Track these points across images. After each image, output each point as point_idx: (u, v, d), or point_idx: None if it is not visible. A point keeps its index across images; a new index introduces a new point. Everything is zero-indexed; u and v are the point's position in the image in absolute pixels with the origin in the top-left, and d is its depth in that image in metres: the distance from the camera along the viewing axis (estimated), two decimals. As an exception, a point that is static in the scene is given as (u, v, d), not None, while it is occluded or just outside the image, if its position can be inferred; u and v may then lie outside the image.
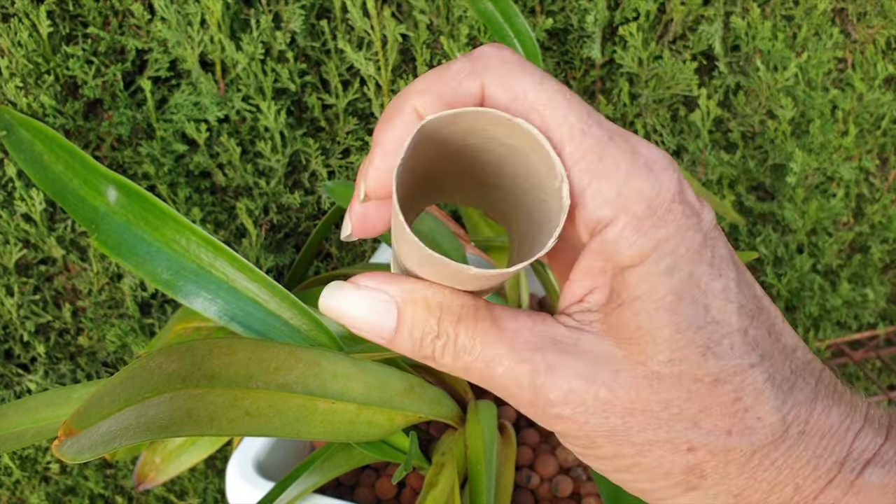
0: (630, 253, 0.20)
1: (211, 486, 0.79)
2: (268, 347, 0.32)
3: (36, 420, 0.35)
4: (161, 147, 0.65)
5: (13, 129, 0.38)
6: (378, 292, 0.23)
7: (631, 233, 0.20)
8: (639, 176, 0.20)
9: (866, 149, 0.76)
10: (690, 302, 0.21)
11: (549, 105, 0.21)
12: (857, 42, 0.74)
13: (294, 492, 0.40)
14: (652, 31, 0.70)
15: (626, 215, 0.20)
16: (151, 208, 0.36)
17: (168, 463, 0.50)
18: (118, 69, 0.63)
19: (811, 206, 0.74)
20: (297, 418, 0.32)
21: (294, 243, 0.74)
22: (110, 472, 0.77)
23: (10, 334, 0.70)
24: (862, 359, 0.88)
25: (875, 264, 0.83)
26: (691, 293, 0.21)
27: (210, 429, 0.30)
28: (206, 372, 0.30)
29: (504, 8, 0.52)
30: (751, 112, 0.73)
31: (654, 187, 0.20)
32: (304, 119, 0.69)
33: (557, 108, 0.21)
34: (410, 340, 0.23)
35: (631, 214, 0.20)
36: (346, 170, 0.71)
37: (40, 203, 0.64)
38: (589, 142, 0.20)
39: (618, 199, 0.20)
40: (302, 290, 0.58)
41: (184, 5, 0.62)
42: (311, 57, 0.67)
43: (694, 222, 0.21)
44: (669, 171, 0.21)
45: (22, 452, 0.74)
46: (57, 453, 0.27)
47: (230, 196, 0.71)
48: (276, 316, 0.36)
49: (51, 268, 0.69)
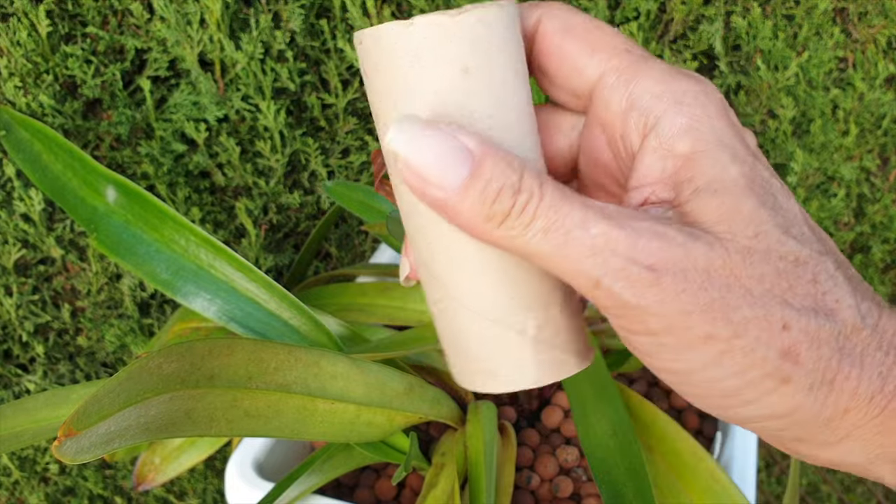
0: (691, 139, 0.21)
1: (210, 487, 0.78)
2: (267, 348, 0.32)
3: (35, 420, 0.35)
4: (160, 147, 0.65)
5: (12, 129, 0.38)
6: (456, 138, 0.20)
7: (688, 121, 0.22)
8: (682, 78, 0.22)
9: (867, 148, 0.76)
10: (761, 186, 0.21)
11: (597, 30, 0.23)
12: (858, 41, 0.74)
13: (294, 492, 0.40)
14: (652, 31, 0.70)
15: (678, 106, 0.22)
16: (150, 208, 0.36)
17: (167, 463, 0.50)
18: (117, 68, 0.63)
19: (812, 205, 0.74)
20: (297, 419, 0.32)
21: (293, 243, 0.74)
22: (109, 473, 0.77)
23: (8, 334, 0.70)
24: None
25: (876, 264, 0.83)
26: (758, 180, 0.22)
27: (209, 429, 0.30)
28: (205, 372, 0.30)
29: (504, 7, 0.52)
30: (752, 112, 0.73)
31: (700, 85, 0.22)
32: (304, 119, 0.69)
33: (604, 33, 0.23)
34: (483, 195, 0.20)
35: (683, 105, 0.22)
36: (346, 169, 0.71)
37: (39, 203, 0.64)
38: (631, 57, 0.23)
39: (665, 94, 0.22)
40: (301, 290, 0.58)
41: (183, 4, 0.61)
42: (310, 56, 0.67)
43: (741, 134, 0.22)
44: (706, 81, 0.23)
45: (21, 453, 0.74)
46: (56, 454, 0.27)
47: (229, 196, 0.70)
48: (276, 316, 0.36)
49: (50, 268, 0.69)
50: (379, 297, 0.51)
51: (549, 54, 0.24)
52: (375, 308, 0.51)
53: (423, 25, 0.21)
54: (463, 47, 0.21)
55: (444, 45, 0.21)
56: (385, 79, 0.22)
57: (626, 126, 0.23)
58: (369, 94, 0.23)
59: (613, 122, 0.24)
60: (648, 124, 0.22)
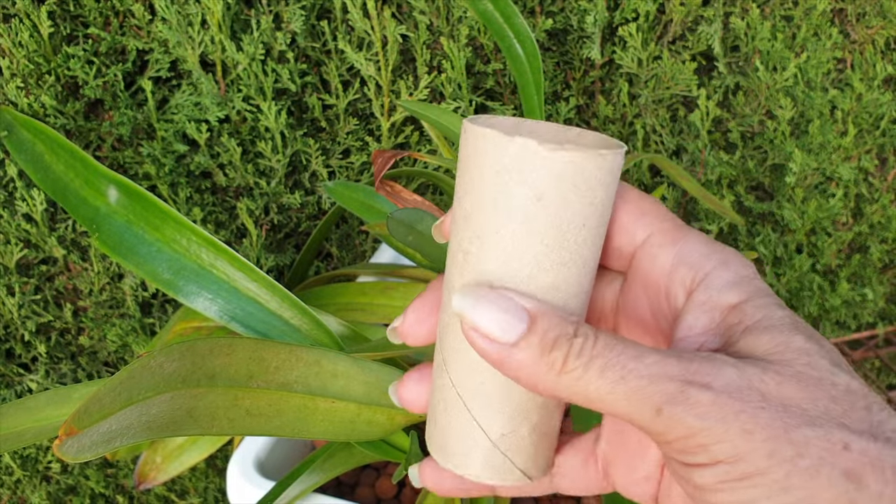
0: (738, 291, 0.23)
1: (212, 486, 0.79)
2: (268, 347, 0.32)
3: (37, 419, 0.35)
4: (162, 147, 0.65)
5: (14, 130, 0.38)
6: (513, 300, 0.22)
7: (735, 277, 0.24)
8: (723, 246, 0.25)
9: (865, 149, 0.76)
10: (806, 328, 0.22)
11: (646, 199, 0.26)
12: (856, 42, 0.75)
13: (295, 491, 0.40)
14: (651, 32, 0.70)
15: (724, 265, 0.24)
16: (152, 208, 0.36)
17: (169, 462, 0.50)
18: (119, 69, 0.63)
19: (810, 206, 0.74)
20: (298, 418, 0.32)
21: (294, 243, 0.74)
22: (111, 472, 0.78)
23: (11, 334, 0.70)
24: (861, 358, 0.88)
25: (874, 264, 0.83)
26: (803, 324, 0.23)
27: (211, 428, 0.30)
28: (206, 371, 0.30)
29: (504, 8, 0.52)
30: (750, 112, 0.73)
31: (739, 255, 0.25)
32: (305, 119, 0.69)
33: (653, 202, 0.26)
34: (542, 344, 0.21)
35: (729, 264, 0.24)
36: (347, 170, 0.71)
37: (41, 203, 0.64)
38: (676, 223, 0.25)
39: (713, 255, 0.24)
40: (302, 289, 0.58)
41: (184, 6, 0.62)
42: (311, 57, 0.67)
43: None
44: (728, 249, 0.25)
45: (23, 452, 0.74)
46: (58, 453, 0.27)
47: (231, 196, 0.71)
48: (277, 315, 0.36)
49: (52, 268, 0.69)
50: (379, 296, 0.52)
51: None
52: (376, 307, 0.51)
53: (519, 146, 0.22)
54: (543, 180, 0.22)
55: (528, 171, 0.22)
56: (472, 172, 0.23)
57: (672, 282, 0.24)
58: (459, 170, 0.24)
59: (658, 279, 0.25)
60: (696, 279, 0.24)
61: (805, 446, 0.20)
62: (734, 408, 0.20)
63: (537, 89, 0.53)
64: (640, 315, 0.26)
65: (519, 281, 0.23)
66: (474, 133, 0.23)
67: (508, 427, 0.24)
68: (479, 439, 0.25)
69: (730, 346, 0.23)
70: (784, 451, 0.20)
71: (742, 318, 0.23)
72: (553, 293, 0.23)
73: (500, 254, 0.23)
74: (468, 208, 0.23)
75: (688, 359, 0.21)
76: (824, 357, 0.22)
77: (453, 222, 0.24)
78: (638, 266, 0.25)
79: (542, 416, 0.25)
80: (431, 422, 0.26)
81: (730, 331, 0.23)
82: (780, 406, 0.20)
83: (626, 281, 0.27)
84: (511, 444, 0.25)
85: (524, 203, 0.22)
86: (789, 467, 0.20)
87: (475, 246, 0.23)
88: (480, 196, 0.23)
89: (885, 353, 0.88)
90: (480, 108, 0.71)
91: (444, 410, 0.25)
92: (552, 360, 0.21)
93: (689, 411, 0.20)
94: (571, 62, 0.72)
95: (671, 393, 0.20)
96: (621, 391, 0.21)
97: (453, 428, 0.25)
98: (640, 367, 0.21)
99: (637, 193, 0.26)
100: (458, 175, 0.24)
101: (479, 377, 0.24)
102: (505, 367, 0.22)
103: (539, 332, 0.21)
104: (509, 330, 0.22)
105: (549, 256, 0.23)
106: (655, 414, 0.21)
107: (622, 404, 0.21)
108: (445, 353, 0.25)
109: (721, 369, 0.21)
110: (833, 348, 0.23)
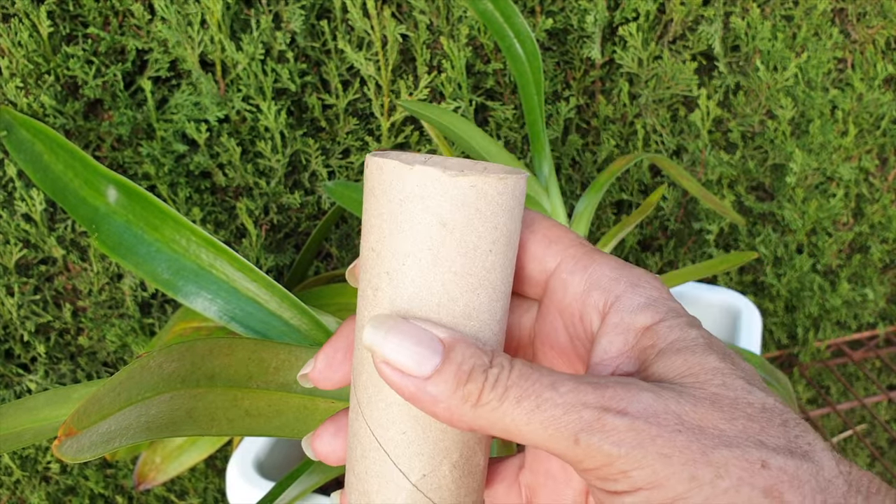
0: (650, 313, 0.23)
1: (211, 486, 0.79)
2: (268, 347, 0.32)
3: (36, 420, 0.35)
4: (161, 147, 0.65)
5: (13, 129, 0.38)
6: (426, 331, 0.22)
7: (645, 300, 0.24)
8: (633, 267, 0.25)
9: (866, 149, 0.76)
10: (719, 346, 0.23)
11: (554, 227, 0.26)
12: (856, 42, 0.75)
13: (294, 491, 0.40)
14: (652, 32, 0.70)
15: (634, 287, 0.24)
16: (151, 208, 0.36)
17: (168, 463, 0.50)
18: (118, 69, 0.63)
19: (811, 206, 0.74)
20: (297, 418, 0.32)
21: (294, 243, 0.74)
22: (111, 472, 0.78)
23: (10, 334, 0.70)
24: (862, 359, 0.88)
25: (875, 264, 0.83)
26: (716, 342, 0.23)
27: (210, 429, 0.30)
28: (206, 372, 0.30)
29: (504, 8, 0.52)
30: (750, 112, 0.73)
31: (650, 274, 0.25)
32: (305, 119, 0.69)
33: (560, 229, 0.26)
34: (457, 376, 0.21)
35: (639, 287, 0.24)
36: (346, 170, 0.71)
37: (40, 203, 0.64)
38: (585, 248, 0.25)
39: (622, 278, 0.24)
40: (302, 289, 0.58)
41: (184, 5, 0.62)
42: (311, 57, 0.67)
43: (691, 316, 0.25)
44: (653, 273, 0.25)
45: (22, 452, 0.74)
46: (57, 453, 0.27)
47: (230, 196, 0.71)
48: (277, 316, 0.36)
49: (51, 268, 0.69)
50: (379, 296, 0.51)
51: None
52: (375, 308, 0.51)
53: (420, 174, 0.22)
54: (446, 206, 0.22)
55: (431, 198, 0.22)
56: (378, 204, 0.23)
57: (586, 306, 0.24)
58: (364, 208, 0.24)
59: (571, 304, 0.25)
60: (608, 302, 0.24)
61: (724, 467, 0.20)
62: (651, 433, 0.20)
63: (537, 89, 0.53)
64: (557, 341, 0.26)
65: (430, 310, 0.22)
66: (376, 164, 0.23)
67: (429, 467, 0.24)
68: (400, 482, 0.24)
69: (645, 370, 0.23)
70: (703, 473, 0.20)
71: (655, 341, 0.23)
72: (465, 322, 0.23)
73: (408, 284, 0.22)
74: (374, 243, 0.23)
75: (603, 385, 0.21)
76: (739, 376, 0.22)
77: (361, 262, 0.24)
78: (552, 293, 0.25)
79: (464, 453, 0.24)
80: (350, 471, 0.25)
81: (644, 353, 0.23)
82: (696, 428, 0.20)
83: (541, 308, 0.27)
84: (433, 484, 0.24)
85: (429, 230, 0.22)
86: (709, 490, 0.20)
87: (384, 281, 0.23)
88: (386, 228, 0.22)
89: (886, 353, 0.88)
90: (480, 108, 0.71)
91: (361, 456, 0.24)
92: (467, 392, 0.21)
93: (605, 439, 0.20)
94: (572, 62, 0.72)
95: (587, 420, 0.20)
96: (537, 421, 0.20)
97: (372, 473, 0.24)
98: (554, 396, 0.20)
99: (546, 222, 0.26)
100: (364, 212, 0.24)
101: (395, 416, 0.23)
102: (420, 401, 0.21)
103: (454, 363, 0.21)
104: (423, 363, 0.21)
105: (459, 284, 0.22)
106: (573, 443, 0.20)
107: (539, 434, 0.20)
108: (359, 395, 0.24)
109: (637, 395, 0.21)
110: (748, 366, 0.23)
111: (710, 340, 0.23)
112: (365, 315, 0.23)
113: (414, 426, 0.23)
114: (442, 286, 0.22)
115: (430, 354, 0.21)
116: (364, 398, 0.24)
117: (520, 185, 0.23)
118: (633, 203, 0.78)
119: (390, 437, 0.24)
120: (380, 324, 0.22)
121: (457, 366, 0.21)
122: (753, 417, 0.21)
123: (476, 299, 0.23)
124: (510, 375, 0.21)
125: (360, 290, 0.24)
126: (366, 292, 0.23)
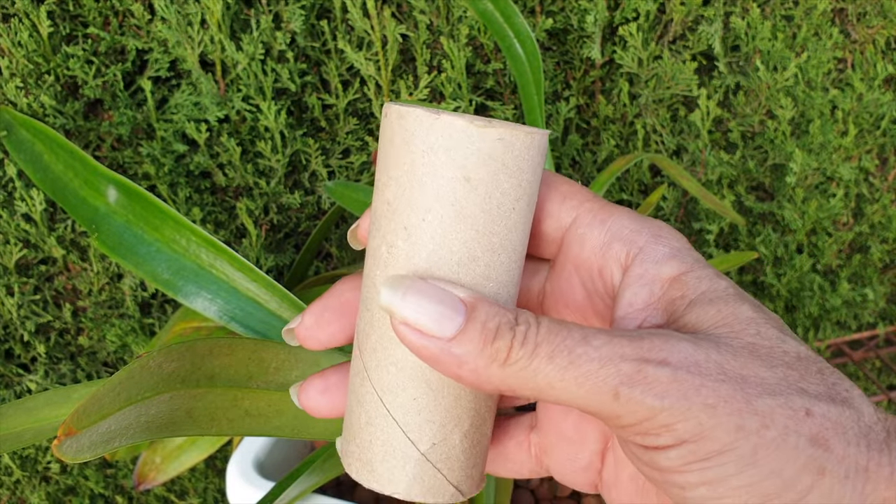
0: (676, 263, 0.23)
1: (211, 486, 0.79)
2: (268, 347, 0.32)
3: (36, 420, 0.35)
4: (161, 147, 0.65)
5: (13, 129, 0.38)
6: (446, 290, 0.20)
7: (670, 249, 0.23)
8: (652, 219, 0.24)
9: (866, 149, 0.76)
10: (747, 296, 0.22)
11: (566, 183, 0.25)
12: (856, 42, 0.74)
13: (294, 491, 0.40)
14: (652, 32, 0.70)
15: (657, 238, 0.23)
16: (151, 208, 0.36)
17: (168, 463, 0.50)
18: (118, 69, 0.63)
19: (811, 206, 0.74)
20: (297, 418, 0.32)
21: (294, 243, 0.74)
22: (110, 472, 0.78)
23: (10, 334, 0.70)
24: (862, 359, 0.88)
25: (875, 264, 0.83)
26: (742, 292, 0.22)
27: (210, 429, 0.30)
28: (206, 372, 0.30)
29: (504, 8, 0.52)
30: (750, 112, 0.73)
31: (669, 226, 0.24)
32: (305, 119, 0.69)
33: (573, 184, 0.25)
34: (483, 335, 0.20)
35: (661, 237, 0.23)
36: (346, 170, 0.71)
37: (40, 203, 0.64)
38: (602, 202, 0.25)
39: (644, 230, 0.23)
40: (302, 289, 0.58)
41: (184, 5, 0.62)
42: (311, 57, 0.67)
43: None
44: (658, 222, 0.24)
45: (22, 452, 0.74)
46: (57, 453, 0.27)
47: (230, 196, 0.71)
48: (277, 316, 0.36)
49: (51, 268, 0.69)
50: (379, 296, 0.51)
51: None
52: (375, 308, 0.51)
53: (447, 123, 0.21)
54: (472, 158, 0.21)
55: (457, 150, 0.21)
56: (397, 156, 0.21)
57: (606, 259, 0.24)
58: (379, 160, 0.22)
59: (589, 259, 0.24)
60: (631, 254, 0.23)
61: (769, 416, 0.19)
62: (694, 383, 0.19)
63: (537, 89, 0.53)
64: (573, 298, 0.25)
65: (449, 270, 0.21)
66: (397, 113, 0.21)
67: (439, 435, 0.23)
68: (408, 451, 0.23)
69: (675, 321, 0.22)
70: (749, 423, 0.19)
71: (685, 291, 0.22)
72: (484, 283, 0.22)
73: (427, 241, 0.21)
74: (391, 198, 0.22)
75: (638, 336, 0.20)
76: (773, 326, 0.21)
77: (373, 218, 0.23)
78: (568, 249, 0.25)
79: (475, 422, 0.23)
80: (349, 438, 0.24)
81: (672, 305, 0.22)
82: (739, 377, 0.20)
83: (554, 267, 0.26)
84: (442, 454, 0.23)
85: (453, 184, 0.21)
86: (756, 440, 0.19)
87: (401, 238, 0.21)
88: (405, 181, 0.21)
89: (886, 353, 0.88)
90: (480, 108, 0.71)
91: (366, 423, 0.23)
92: (495, 351, 0.20)
93: (648, 391, 0.19)
94: (571, 62, 0.72)
95: (627, 373, 0.19)
96: (571, 377, 0.19)
97: (378, 441, 0.23)
98: (589, 350, 0.19)
99: (560, 178, 0.25)
100: (379, 164, 0.22)
101: (406, 381, 0.22)
102: (442, 364, 0.20)
103: (478, 322, 0.20)
104: (445, 323, 0.20)
105: (481, 242, 0.21)
106: (612, 398, 0.19)
107: (574, 391, 0.19)
108: (366, 359, 0.23)
109: (676, 345, 0.20)
110: (776, 316, 0.22)
111: (740, 291, 0.22)
112: (377, 274, 0.22)
113: (426, 392, 0.22)
114: (463, 244, 0.21)
115: (451, 314, 0.20)
116: (372, 362, 0.23)
117: (544, 141, 0.22)
118: (633, 203, 0.78)
119: (400, 403, 0.22)
120: (397, 283, 0.21)
121: (481, 324, 0.20)
122: (792, 365, 0.20)
123: (496, 259, 0.22)
124: (539, 331, 0.20)
125: (369, 248, 0.23)
126: (379, 250, 0.22)
